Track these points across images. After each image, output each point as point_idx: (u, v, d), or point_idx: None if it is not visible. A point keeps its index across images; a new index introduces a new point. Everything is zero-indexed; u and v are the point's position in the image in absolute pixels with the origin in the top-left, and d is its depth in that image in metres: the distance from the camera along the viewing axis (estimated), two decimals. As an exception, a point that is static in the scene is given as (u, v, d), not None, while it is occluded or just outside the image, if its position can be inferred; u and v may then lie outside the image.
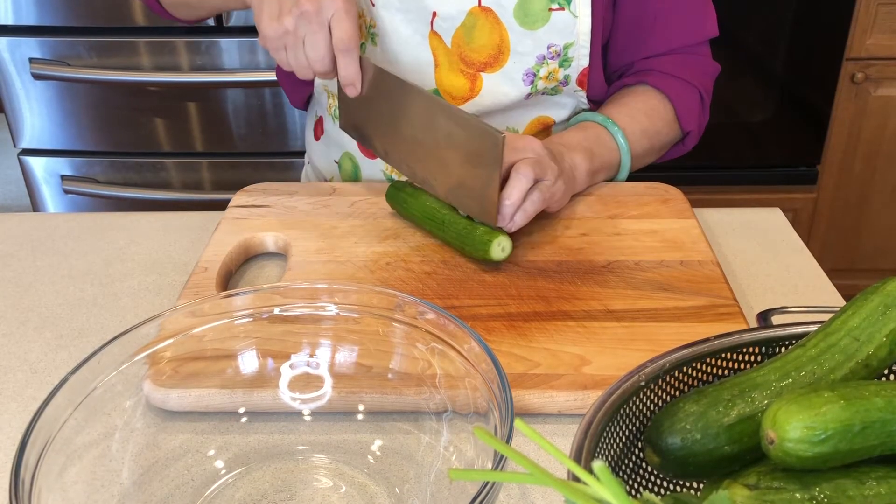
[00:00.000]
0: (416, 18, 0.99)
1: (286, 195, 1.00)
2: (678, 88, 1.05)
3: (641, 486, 0.54)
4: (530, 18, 0.98)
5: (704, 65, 1.08)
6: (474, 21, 0.99)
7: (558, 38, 1.00)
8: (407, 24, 1.00)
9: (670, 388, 0.55)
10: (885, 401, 0.45)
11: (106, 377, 0.60)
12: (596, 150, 0.99)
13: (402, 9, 0.99)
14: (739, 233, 0.98)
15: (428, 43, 1.01)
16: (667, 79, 1.06)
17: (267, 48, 0.89)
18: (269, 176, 2.00)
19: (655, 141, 1.05)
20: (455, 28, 1.00)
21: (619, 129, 1.01)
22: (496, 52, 1.00)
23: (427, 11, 0.99)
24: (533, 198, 0.85)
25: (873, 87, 2.00)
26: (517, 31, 0.99)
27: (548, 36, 0.99)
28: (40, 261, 0.94)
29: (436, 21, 0.99)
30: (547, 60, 1.00)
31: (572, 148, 0.96)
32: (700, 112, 1.08)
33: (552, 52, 1.00)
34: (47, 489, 0.53)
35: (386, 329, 0.66)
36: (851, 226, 2.17)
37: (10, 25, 1.90)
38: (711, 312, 0.78)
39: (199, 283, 0.83)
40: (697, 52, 1.08)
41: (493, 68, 1.01)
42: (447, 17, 0.99)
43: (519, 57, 1.00)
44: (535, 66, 1.00)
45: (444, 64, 1.02)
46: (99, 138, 2.03)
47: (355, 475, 0.63)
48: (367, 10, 1.01)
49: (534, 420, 0.69)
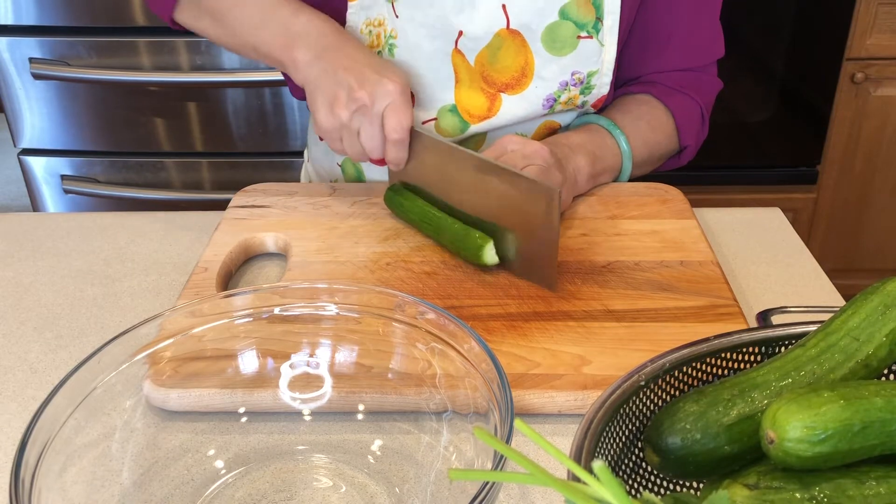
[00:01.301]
0: (441, 35, 0.98)
1: (286, 195, 1.00)
2: (681, 103, 1.06)
3: (641, 486, 0.54)
4: (558, 44, 0.97)
5: (709, 83, 1.09)
6: (501, 43, 0.97)
7: (583, 66, 0.99)
8: (430, 41, 0.98)
9: (670, 388, 0.55)
10: (885, 400, 0.45)
11: (106, 377, 0.60)
12: (599, 153, 0.99)
13: (426, 24, 0.97)
14: (739, 233, 0.98)
15: (450, 59, 0.99)
16: (671, 92, 1.06)
17: (323, 138, 0.91)
18: (269, 176, 2.00)
19: (655, 151, 1.05)
20: (480, 48, 0.98)
21: (623, 133, 1.01)
22: (519, 75, 0.99)
23: (453, 30, 0.97)
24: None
25: (873, 87, 2.00)
26: (543, 56, 0.98)
27: (574, 63, 0.98)
28: (40, 261, 0.94)
29: (461, 40, 0.98)
30: (570, 87, 1.00)
31: (576, 150, 0.96)
32: (700, 128, 1.09)
33: (576, 80, 1.00)
34: (47, 489, 0.53)
35: (386, 329, 0.66)
36: (851, 226, 2.17)
37: (10, 25, 1.90)
38: (711, 312, 0.78)
39: (199, 283, 0.83)
40: (704, 71, 1.09)
41: (514, 90, 1.00)
42: (474, 37, 0.97)
43: (542, 82, 0.99)
44: (557, 91, 1.00)
45: (465, 81, 1.00)
46: (99, 138, 2.03)
47: (355, 475, 0.63)
48: (390, 20, 0.99)
49: (534, 420, 0.69)
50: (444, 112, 1.02)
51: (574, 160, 0.95)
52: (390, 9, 0.98)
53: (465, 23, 0.96)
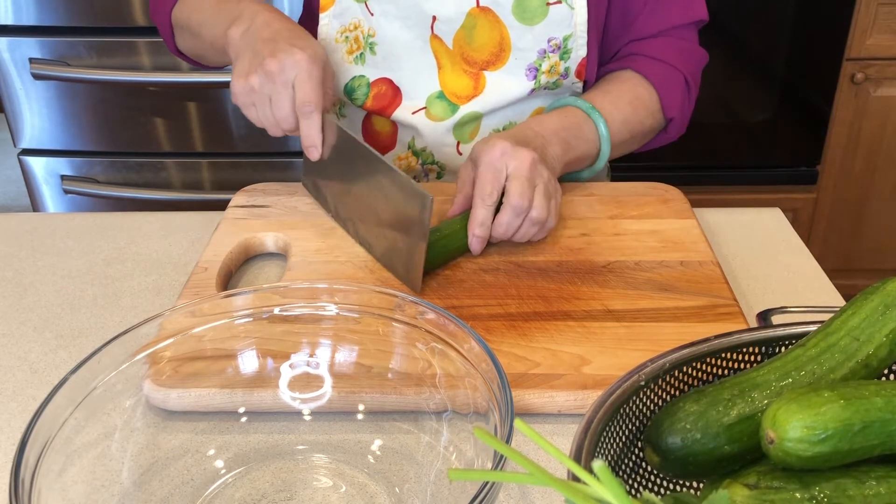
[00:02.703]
0: (416, 24, 1.00)
1: (286, 195, 1.00)
2: (662, 72, 1.04)
3: (641, 486, 0.54)
4: (528, 14, 0.99)
5: (691, 50, 1.07)
6: (474, 21, 0.99)
7: (557, 31, 1.00)
8: (407, 31, 1.01)
9: (670, 387, 0.55)
10: (885, 400, 0.45)
11: (106, 377, 0.60)
12: (573, 141, 0.97)
13: (400, 16, 1.00)
14: (739, 233, 0.98)
15: (429, 47, 1.01)
16: (651, 62, 1.04)
17: (237, 104, 0.91)
18: (269, 176, 2.00)
19: (637, 130, 1.03)
20: (455, 30, 1.00)
21: (602, 118, 0.99)
22: (497, 50, 1.01)
23: (426, 16, 0.99)
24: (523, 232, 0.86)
25: (873, 87, 2.00)
26: (517, 28, 0.99)
27: (547, 30, 1.00)
28: (40, 261, 0.94)
29: (436, 25, 1.00)
30: (548, 54, 1.01)
31: (550, 139, 0.94)
32: (685, 98, 1.06)
33: (553, 46, 1.00)
34: (47, 489, 0.53)
35: (386, 329, 0.66)
36: (851, 226, 2.17)
37: (10, 25, 1.90)
38: (711, 312, 0.78)
39: (199, 283, 0.83)
40: (684, 38, 1.07)
41: (495, 66, 1.02)
42: (447, 19, 0.99)
43: (520, 53, 1.01)
44: (537, 60, 1.01)
45: (447, 66, 1.02)
46: (99, 138, 2.03)
47: (355, 475, 0.63)
48: (366, 20, 1.01)
49: (534, 420, 0.69)
50: (432, 100, 1.04)
51: (550, 151, 0.93)
52: (363, 8, 1.00)
53: (436, 7, 0.99)
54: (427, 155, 1.08)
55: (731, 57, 1.98)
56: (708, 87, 1.40)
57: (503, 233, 0.86)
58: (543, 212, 0.85)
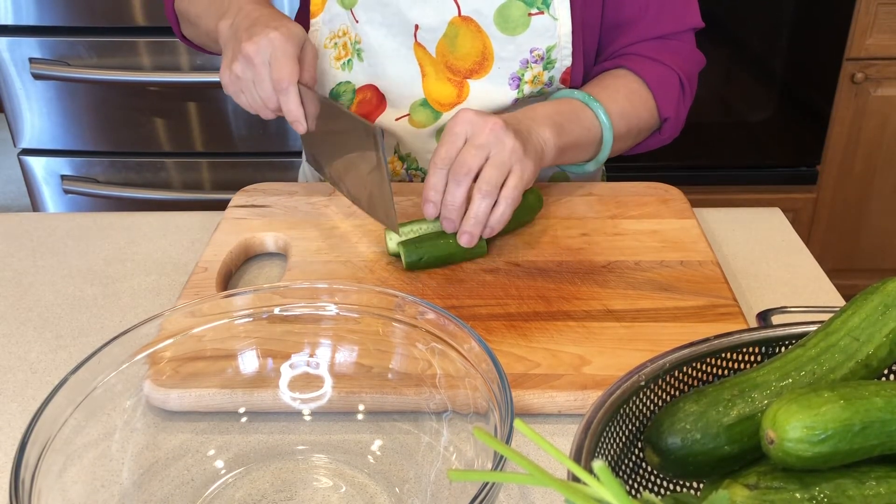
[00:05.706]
0: (400, 32, 1.01)
1: (286, 195, 1.00)
2: (656, 71, 1.03)
3: (641, 486, 0.54)
4: (511, 25, 0.99)
5: (687, 52, 1.06)
6: (456, 31, 1.00)
7: (540, 42, 1.00)
8: (391, 38, 1.01)
9: (670, 388, 0.55)
10: (885, 401, 0.45)
11: (106, 377, 0.60)
12: (567, 125, 0.94)
13: (385, 24, 1.01)
14: (739, 233, 0.98)
15: (413, 54, 1.02)
16: (645, 61, 1.03)
17: (229, 94, 0.92)
18: (269, 176, 2.00)
19: (633, 124, 1.01)
20: (438, 38, 1.01)
21: (601, 105, 0.97)
22: (480, 59, 1.01)
23: (409, 24, 1.00)
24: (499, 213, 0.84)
25: (873, 87, 2.00)
26: (499, 38, 1.00)
27: (529, 41, 0.99)
28: (40, 261, 0.94)
29: (419, 33, 1.01)
30: (531, 64, 1.01)
31: (540, 122, 0.92)
32: (679, 99, 1.04)
33: (535, 56, 1.00)
34: (47, 489, 0.53)
35: (386, 329, 0.66)
36: (851, 226, 2.17)
37: (10, 25, 1.90)
38: (711, 312, 0.78)
39: (199, 283, 0.83)
40: (680, 40, 1.06)
41: (478, 75, 1.02)
42: (429, 28, 1.00)
43: (503, 62, 1.01)
44: (520, 70, 1.01)
45: (431, 73, 1.03)
46: (99, 138, 2.03)
47: (355, 475, 0.63)
48: (352, 27, 1.02)
49: (534, 420, 0.69)
50: (415, 107, 1.05)
51: (539, 132, 0.90)
52: (350, 15, 1.01)
53: (419, 16, 1.00)
54: (411, 160, 1.09)
55: (730, 57, 1.98)
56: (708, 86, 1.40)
57: (450, 201, 0.83)
58: (490, 182, 0.82)
